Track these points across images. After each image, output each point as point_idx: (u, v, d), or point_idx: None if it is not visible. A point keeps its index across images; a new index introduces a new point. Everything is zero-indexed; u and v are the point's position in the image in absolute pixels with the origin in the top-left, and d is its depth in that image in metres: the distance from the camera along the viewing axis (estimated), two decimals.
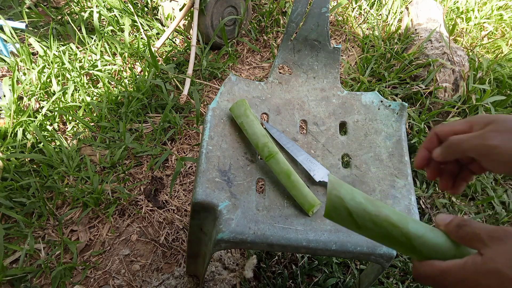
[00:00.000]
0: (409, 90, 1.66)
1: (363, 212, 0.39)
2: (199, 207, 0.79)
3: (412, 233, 0.38)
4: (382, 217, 0.39)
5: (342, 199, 0.39)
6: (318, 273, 1.20)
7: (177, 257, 1.23)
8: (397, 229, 0.38)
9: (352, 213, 0.39)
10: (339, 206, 0.39)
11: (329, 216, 0.41)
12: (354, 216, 0.39)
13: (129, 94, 1.57)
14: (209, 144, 0.86)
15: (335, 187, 0.40)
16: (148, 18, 1.94)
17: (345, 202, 0.39)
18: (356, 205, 0.39)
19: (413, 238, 0.38)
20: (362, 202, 0.39)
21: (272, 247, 0.76)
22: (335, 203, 0.39)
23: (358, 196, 0.40)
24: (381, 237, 0.40)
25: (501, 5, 2.27)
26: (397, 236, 0.39)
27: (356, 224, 0.40)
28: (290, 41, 1.05)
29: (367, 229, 0.40)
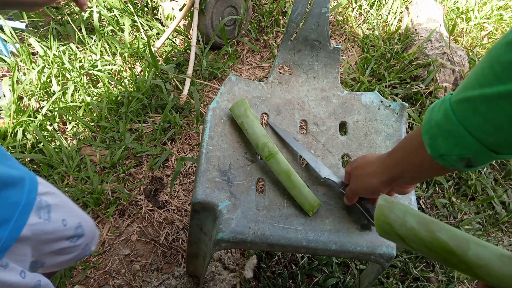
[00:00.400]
0: (409, 90, 1.66)
1: (415, 238, 0.37)
2: (199, 207, 0.79)
3: (473, 262, 0.34)
4: (436, 244, 0.36)
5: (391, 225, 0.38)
6: (318, 273, 1.20)
7: (177, 257, 1.23)
8: (455, 257, 0.35)
9: (404, 238, 0.37)
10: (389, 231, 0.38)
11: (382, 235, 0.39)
12: (406, 241, 0.38)
13: (129, 94, 1.57)
14: (209, 144, 0.86)
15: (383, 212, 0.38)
16: (148, 18, 1.94)
17: (394, 228, 0.37)
18: (407, 231, 0.37)
19: (474, 267, 0.34)
20: (414, 227, 0.37)
21: (272, 247, 0.76)
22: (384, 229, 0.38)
23: (409, 221, 0.37)
24: (440, 260, 0.37)
25: (501, 5, 2.27)
26: (456, 263, 0.36)
27: (411, 247, 0.38)
28: (290, 41, 1.06)
29: (423, 252, 0.37)
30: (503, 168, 1.57)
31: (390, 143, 0.94)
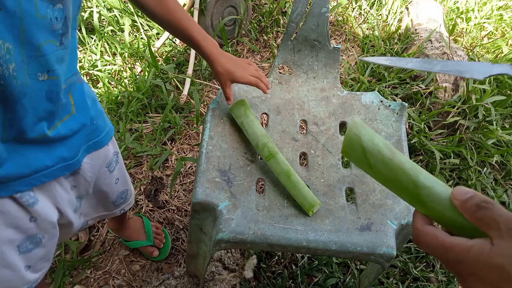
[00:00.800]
0: (409, 90, 1.66)
1: (377, 153, 0.40)
2: (199, 207, 0.79)
3: (421, 182, 0.38)
4: (395, 162, 0.39)
5: (360, 138, 0.40)
6: (318, 273, 1.20)
7: (177, 257, 1.23)
8: (407, 175, 0.38)
9: (366, 152, 0.40)
10: (356, 144, 0.41)
11: (345, 152, 0.42)
12: (368, 156, 0.40)
13: (129, 94, 1.57)
14: (209, 144, 0.86)
15: (356, 126, 0.41)
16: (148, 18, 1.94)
17: (362, 141, 0.40)
18: (372, 145, 0.40)
19: (420, 187, 0.38)
20: (379, 144, 0.40)
21: (272, 247, 0.76)
22: (352, 140, 0.41)
23: (377, 139, 0.40)
24: (389, 181, 0.40)
25: (501, 5, 2.27)
26: (405, 183, 0.38)
27: (369, 164, 0.40)
28: (290, 41, 1.05)
29: (378, 171, 0.40)
30: (503, 168, 1.57)
31: (390, 143, 0.94)
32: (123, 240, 1.21)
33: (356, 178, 0.88)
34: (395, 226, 0.79)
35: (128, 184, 0.90)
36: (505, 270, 0.31)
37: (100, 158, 0.75)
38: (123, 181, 0.87)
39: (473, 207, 0.35)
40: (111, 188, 0.83)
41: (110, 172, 0.80)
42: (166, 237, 1.23)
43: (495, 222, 0.33)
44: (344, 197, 0.84)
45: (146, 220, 1.23)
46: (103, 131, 0.74)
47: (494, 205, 0.34)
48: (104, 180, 0.79)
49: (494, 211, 0.34)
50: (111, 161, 0.79)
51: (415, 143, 1.51)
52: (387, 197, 0.84)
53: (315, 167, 0.90)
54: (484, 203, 0.34)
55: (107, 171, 0.79)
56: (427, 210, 0.38)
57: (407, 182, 0.38)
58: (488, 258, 0.32)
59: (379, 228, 0.78)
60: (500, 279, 0.31)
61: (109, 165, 0.78)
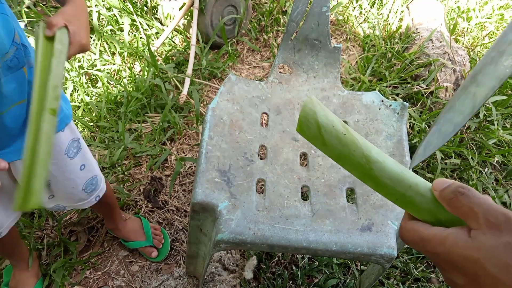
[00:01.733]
0: (410, 90, 1.65)
1: (331, 129, 0.40)
2: (199, 208, 0.79)
3: (373, 157, 0.39)
4: (348, 137, 0.40)
5: (315, 113, 0.41)
6: (318, 274, 1.19)
7: (176, 258, 1.22)
8: (359, 150, 0.39)
9: (321, 127, 0.40)
10: (311, 119, 0.41)
11: (300, 129, 0.42)
12: (322, 131, 0.40)
13: (128, 94, 1.56)
14: (209, 144, 0.85)
15: (312, 102, 0.42)
16: (148, 17, 1.94)
17: (317, 116, 0.41)
18: (326, 121, 0.41)
19: (372, 162, 0.39)
20: (333, 120, 0.41)
21: (272, 247, 0.75)
22: (307, 115, 0.41)
23: (331, 116, 0.41)
24: (343, 157, 0.40)
25: (502, 4, 2.26)
26: (358, 157, 0.39)
27: (323, 140, 0.41)
28: (290, 41, 1.05)
29: (332, 146, 0.40)
30: (504, 169, 1.57)
31: (391, 143, 0.93)
32: (122, 241, 1.21)
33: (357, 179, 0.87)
34: (396, 226, 0.79)
35: (95, 170, 0.92)
36: (481, 264, 0.29)
37: (56, 145, 0.76)
38: (90, 168, 0.88)
39: (450, 194, 0.34)
40: (77, 175, 0.85)
41: (71, 159, 0.81)
42: (165, 238, 1.23)
43: (473, 212, 0.31)
44: (344, 197, 0.84)
45: (144, 221, 1.22)
46: None
47: (471, 191, 0.33)
48: (66, 166, 0.81)
49: (471, 198, 0.32)
50: (68, 148, 0.80)
51: (416, 143, 1.50)
52: None
53: (315, 167, 0.89)
54: (460, 188, 0.33)
55: (67, 157, 0.80)
56: (378, 186, 0.39)
57: (360, 157, 0.39)
58: (463, 250, 0.31)
59: (380, 229, 0.78)
60: (474, 272, 0.30)
61: (67, 151, 0.80)
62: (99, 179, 0.94)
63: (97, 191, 0.95)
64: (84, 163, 0.86)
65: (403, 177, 0.38)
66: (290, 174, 0.86)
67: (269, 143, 0.92)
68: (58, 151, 0.78)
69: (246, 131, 0.92)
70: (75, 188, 0.86)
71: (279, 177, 0.85)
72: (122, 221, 1.17)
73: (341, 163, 0.41)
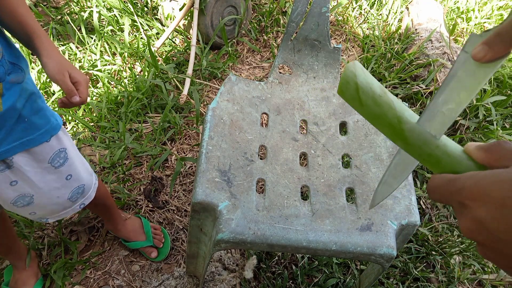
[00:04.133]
0: (410, 90, 1.66)
1: (369, 90, 0.42)
2: (199, 207, 0.79)
3: (405, 118, 0.40)
4: (384, 99, 0.41)
5: (355, 76, 0.43)
6: (318, 273, 1.20)
7: (177, 258, 1.23)
8: (393, 111, 0.41)
9: (359, 89, 0.42)
10: (351, 81, 0.43)
11: (340, 91, 0.44)
12: (360, 93, 0.42)
13: (128, 94, 1.57)
14: (209, 144, 0.86)
15: (354, 66, 0.43)
16: (148, 18, 1.94)
17: (356, 78, 0.42)
18: (365, 83, 0.42)
19: (403, 122, 0.40)
20: (372, 83, 0.42)
21: (272, 247, 0.75)
22: (348, 78, 0.43)
23: (370, 79, 0.43)
24: (376, 117, 0.42)
25: (502, 5, 2.27)
26: (390, 117, 0.41)
27: (360, 101, 0.42)
28: (290, 41, 1.05)
29: (368, 107, 0.42)
30: None
31: (391, 143, 0.93)
32: (123, 241, 1.21)
33: (357, 178, 0.88)
34: (396, 226, 0.79)
35: (83, 179, 0.89)
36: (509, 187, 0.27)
37: (38, 154, 0.76)
38: (77, 177, 0.87)
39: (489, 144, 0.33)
40: (63, 184, 0.84)
41: (56, 168, 0.80)
42: (166, 238, 1.23)
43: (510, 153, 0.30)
44: (344, 197, 0.84)
45: (145, 221, 1.23)
46: (40, 129, 0.74)
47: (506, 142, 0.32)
48: (50, 175, 0.80)
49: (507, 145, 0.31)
50: (53, 158, 0.79)
51: None
52: (388, 197, 0.84)
53: (315, 167, 0.89)
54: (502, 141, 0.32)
55: (51, 167, 0.79)
56: (407, 146, 0.40)
57: (392, 117, 0.41)
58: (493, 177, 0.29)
59: (380, 229, 0.78)
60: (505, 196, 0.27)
61: (51, 161, 0.79)
62: (86, 188, 0.91)
63: (83, 199, 0.92)
64: (71, 173, 0.84)
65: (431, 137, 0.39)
66: (290, 174, 0.87)
67: (269, 143, 0.92)
68: (41, 160, 0.77)
69: (246, 131, 0.92)
70: (60, 197, 0.85)
71: (279, 177, 0.86)
72: (121, 221, 1.17)
73: (374, 123, 0.43)
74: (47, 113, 0.76)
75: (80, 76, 0.74)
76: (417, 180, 1.47)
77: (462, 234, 0.32)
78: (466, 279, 1.25)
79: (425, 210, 1.41)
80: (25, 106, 0.70)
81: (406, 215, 0.81)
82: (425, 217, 1.38)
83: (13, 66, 0.67)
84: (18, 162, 0.73)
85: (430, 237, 1.31)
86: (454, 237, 1.32)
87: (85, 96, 0.74)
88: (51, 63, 0.71)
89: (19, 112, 0.69)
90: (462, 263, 1.29)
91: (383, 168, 0.89)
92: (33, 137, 0.73)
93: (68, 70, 0.72)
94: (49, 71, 0.71)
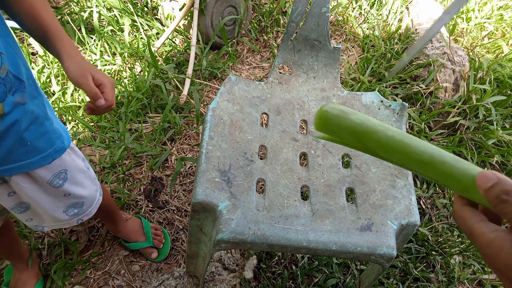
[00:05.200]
0: (410, 90, 1.66)
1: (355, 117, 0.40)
2: (199, 207, 0.79)
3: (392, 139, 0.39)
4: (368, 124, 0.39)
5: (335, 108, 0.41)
6: (318, 273, 1.20)
7: (177, 258, 1.23)
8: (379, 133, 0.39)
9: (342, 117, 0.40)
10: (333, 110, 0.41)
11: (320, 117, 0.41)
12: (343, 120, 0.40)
13: (128, 94, 1.57)
14: (209, 144, 0.86)
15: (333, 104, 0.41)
16: (148, 18, 1.94)
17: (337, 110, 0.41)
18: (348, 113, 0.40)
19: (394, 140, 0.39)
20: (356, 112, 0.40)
21: (272, 247, 0.75)
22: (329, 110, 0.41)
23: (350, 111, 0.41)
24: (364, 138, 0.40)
25: (502, 5, 2.27)
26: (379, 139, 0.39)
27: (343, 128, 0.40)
28: (290, 41, 1.05)
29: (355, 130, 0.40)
30: (503, 169, 1.57)
31: None
32: (123, 241, 1.21)
33: (356, 178, 0.88)
34: (396, 226, 0.79)
35: (82, 197, 0.85)
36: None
37: (37, 176, 0.73)
38: (76, 195, 0.83)
39: (495, 200, 0.32)
40: (60, 199, 0.81)
41: (54, 187, 0.78)
42: (166, 238, 1.23)
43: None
44: (344, 197, 0.84)
45: (144, 221, 1.23)
46: (42, 152, 0.70)
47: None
48: (48, 192, 0.77)
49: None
50: (52, 179, 0.76)
51: None
52: (388, 197, 0.84)
53: (315, 167, 0.89)
54: (504, 195, 0.31)
55: (49, 186, 0.77)
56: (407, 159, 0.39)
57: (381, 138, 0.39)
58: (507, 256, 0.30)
59: (380, 229, 0.78)
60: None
61: (51, 181, 0.76)
62: (87, 204, 0.88)
63: (81, 215, 0.88)
64: (70, 192, 0.81)
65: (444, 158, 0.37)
66: (290, 174, 0.87)
67: (269, 143, 0.92)
68: (40, 181, 0.74)
69: (246, 131, 0.92)
70: (56, 211, 0.82)
71: (279, 177, 0.86)
72: (122, 223, 1.17)
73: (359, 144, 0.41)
74: (53, 136, 0.72)
75: (104, 78, 0.70)
76: (417, 180, 1.47)
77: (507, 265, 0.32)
78: (466, 279, 1.25)
79: (425, 210, 1.41)
80: (28, 129, 0.66)
81: (406, 215, 0.81)
82: (425, 217, 1.38)
83: (19, 84, 0.62)
84: (16, 180, 0.71)
85: (430, 237, 1.31)
86: (454, 237, 1.32)
87: (111, 99, 0.70)
88: (73, 66, 0.67)
89: (21, 134, 0.65)
90: (462, 263, 1.29)
91: (383, 168, 0.89)
92: (34, 160, 0.70)
93: (91, 72, 0.69)
94: (71, 75, 0.67)
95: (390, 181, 0.87)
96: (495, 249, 0.31)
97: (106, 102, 0.69)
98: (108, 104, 0.70)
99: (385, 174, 0.88)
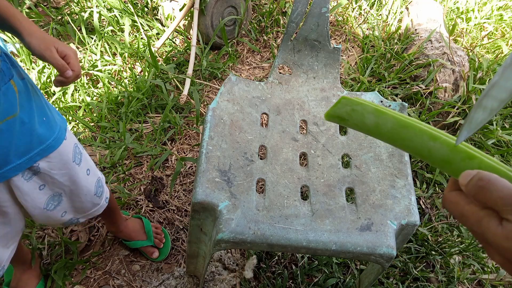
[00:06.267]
0: (409, 90, 1.66)
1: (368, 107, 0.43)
2: (199, 207, 0.79)
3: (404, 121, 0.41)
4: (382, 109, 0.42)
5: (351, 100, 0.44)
6: (318, 273, 1.20)
7: (177, 257, 1.23)
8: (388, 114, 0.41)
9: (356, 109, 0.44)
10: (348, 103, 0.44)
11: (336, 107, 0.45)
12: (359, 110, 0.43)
13: (129, 94, 1.57)
14: (209, 144, 0.86)
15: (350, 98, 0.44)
16: (148, 18, 1.94)
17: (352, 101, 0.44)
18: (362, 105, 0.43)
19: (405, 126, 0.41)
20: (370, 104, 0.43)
21: (272, 247, 0.76)
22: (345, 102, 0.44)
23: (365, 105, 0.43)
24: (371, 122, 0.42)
25: (501, 5, 2.27)
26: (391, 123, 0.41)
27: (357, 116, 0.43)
28: (290, 41, 1.05)
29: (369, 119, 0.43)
30: None
31: None
32: (124, 240, 1.21)
33: (356, 178, 0.88)
34: (395, 226, 0.79)
35: (97, 172, 0.91)
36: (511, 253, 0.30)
37: (59, 156, 0.74)
38: (93, 171, 0.87)
39: (472, 190, 0.33)
40: (86, 180, 0.84)
41: (78, 165, 0.80)
42: (166, 237, 1.23)
43: (497, 206, 0.31)
44: (344, 197, 0.84)
45: (145, 221, 1.23)
46: (49, 138, 0.72)
47: (491, 183, 0.32)
48: (77, 175, 0.80)
49: (493, 192, 0.32)
50: (74, 155, 0.78)
51: None
52: (387, 197, 0.84)
53: (315, 167, 0.90)
54: (479, 181, 0.33)
55: (76, 165, 0.79)
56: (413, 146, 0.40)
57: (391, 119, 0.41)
58: (494, 236, 0.31)
59: (379, 228, 0.78)
60: (508, 258, 0.31)
61: (74, 158, 0.79)
62: (102, 180, 0.93)
63: (105, 192, 0.94)
64: (88, 168, 0.85)
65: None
66: (290, 174, 0.87)
67: (269, 143, 0.92)
68: (67, 161, 0.76)
69: (246, 131, 0.92)
70: (87, 195, 0.85)
71: (279, 177, 0.86)
72: (123, 223, 1.17)
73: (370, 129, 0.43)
74: (52, 120, 0.75)
75: (68, 49, 0.70)
76: (417, 180, 1.47)
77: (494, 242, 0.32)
78: (465, 279, 1.25)
79: (424, 210, 1.41)
80: (37, 105, 0.69)
81: (406, 215, 0.81)
82: (425, 217, 1.38)
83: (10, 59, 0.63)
84: (44, 167, 0.72)
85: (429, 237, 1.31)
86: (453, 237, 1.33)
87: (78, 69, 0.70)
88: (35, 41, 0.66)
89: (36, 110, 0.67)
90: (461, 263, 1.29)
91: (383, 168, 0.89)
92: (45, 145, 0.71)
93: (55, 45, 0.68)
94: (34, 50, 0.66)
95: (390, 181, 0.87)
96: (484, 226, 0.32)
97: (73, 72, 0.69)
98: (76, 74, 0.70)
99: (385, 174, 0.88)
